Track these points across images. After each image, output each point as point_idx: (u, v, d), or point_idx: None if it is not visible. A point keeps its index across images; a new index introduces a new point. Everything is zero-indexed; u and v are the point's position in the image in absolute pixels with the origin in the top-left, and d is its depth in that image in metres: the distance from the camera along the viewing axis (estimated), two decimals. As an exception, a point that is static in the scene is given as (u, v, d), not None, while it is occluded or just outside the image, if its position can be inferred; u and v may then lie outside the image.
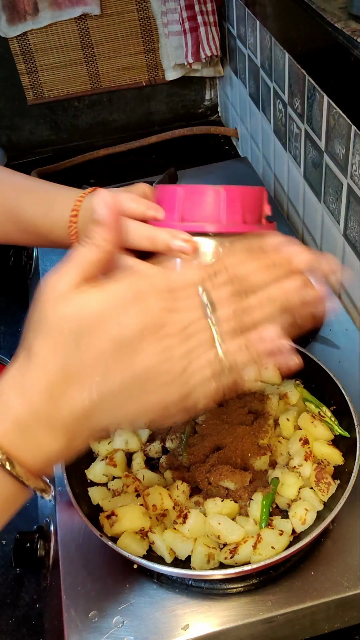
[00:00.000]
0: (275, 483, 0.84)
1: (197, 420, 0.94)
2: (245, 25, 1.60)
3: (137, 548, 0.80)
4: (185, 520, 0.81)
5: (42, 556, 0.90)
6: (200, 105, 2.15)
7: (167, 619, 0.79)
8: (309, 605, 0.78)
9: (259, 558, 0.76)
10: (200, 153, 2.00)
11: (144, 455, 0.94)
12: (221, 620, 0.78)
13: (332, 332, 1.13)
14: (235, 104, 1.90)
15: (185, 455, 0.89)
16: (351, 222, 1.13)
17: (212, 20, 1.78)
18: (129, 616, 0.79)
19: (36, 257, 1.46)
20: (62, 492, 0.93)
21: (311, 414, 0.90)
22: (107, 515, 0.82)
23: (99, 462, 0.91)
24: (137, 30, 1.92)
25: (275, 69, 1.41)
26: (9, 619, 0.93)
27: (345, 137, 1.07)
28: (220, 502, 0.83)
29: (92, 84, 2.00)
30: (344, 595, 0.79)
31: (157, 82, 2.04)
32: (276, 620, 0.78)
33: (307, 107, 1.24)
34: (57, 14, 1.83)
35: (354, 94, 0.93)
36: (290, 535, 0.80)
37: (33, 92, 1.98)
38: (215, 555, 0.80)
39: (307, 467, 0.85)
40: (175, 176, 1.60)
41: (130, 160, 2.01)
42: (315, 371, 0.95)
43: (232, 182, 1.59)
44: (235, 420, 0.91)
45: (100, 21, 1.88)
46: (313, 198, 1.32)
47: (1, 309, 1.50)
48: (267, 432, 0.89)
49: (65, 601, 0.81)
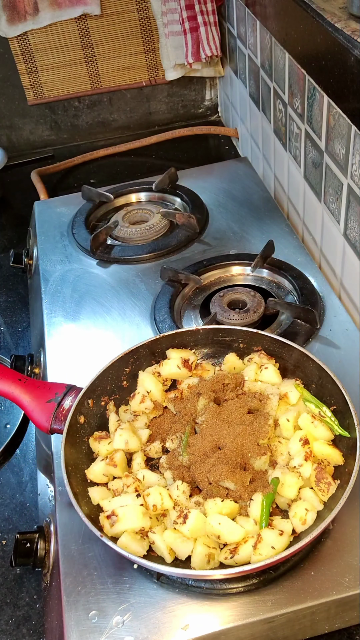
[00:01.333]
0: (275, 483, 0.84)
1: (197, 420, 0.94)
2: (245, 25, 1.60)
3: (137, 548, 0.80)
4: (185, 520, 0.81)
5: (42, 556, 0.90)
6: (200, 105, 2.15)
7: (167, 619, 0.79)
8: (309, 605, 0.78)
9: (259, 558, 0.76)
10: (200, 153, 2.00)
11: (144, 455, 0.94)
12: (221, 620, 0.78)
13: (332, 332, 1.13)
14: (235, 104, 1.90)
15: (185, 455, 0.89)
16: (351, 222, 1.13)
17: (212, 20, 1.78)
18: (129, 616, 0.79)
19: (36, 257, 1.46)
20: (62, 492, 0.93)
21: (311, 414, 0.90)
22: (107, 515, 0.82)
23: (99, 462, 0.91)
24: (137, 30, 1.92)
25: (275, 69, 1.41)
26: (9, 619, 0.93)
27: (345, 137, 1.07)
28: (220, 502, 0.83)
29: (92, 84, 2.01)
30: (344, 595, 0.79)
31: (157, 82, 2.04)
32: (276, 620, 0.78)
33: (307, 107, 1.24)
34: (57, 14, 1.83)
35: (354, 94, 0.93)
36: (290, 535, 0.80)
37: (33, 92, 1.99)
38: (215, 555, 0.80)
39: (307, 467, 0.85)
40: (175, 176, 1.60)
41: (130, 160, 2.01)
42: (315, 371, 0.95)
43: (232, 182, 1.59)
44: (235, 420, 0.91)
45: (100, 21, 1.88)
46: (313, 198, 1.32)
47: (1, 309, 1.51)
48: (267, 432, 0.90)
49: (65, 601, 0.81)
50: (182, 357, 1.01)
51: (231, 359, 1.02)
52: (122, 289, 1.31)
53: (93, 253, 1.40)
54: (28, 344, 1.39)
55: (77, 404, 0.93)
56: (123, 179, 1.77)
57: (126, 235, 1.44)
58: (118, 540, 0.81)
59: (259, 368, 0.99)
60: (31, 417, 0.96)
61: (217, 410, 0.93)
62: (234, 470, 0.86)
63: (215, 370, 1.03)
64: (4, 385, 0.96)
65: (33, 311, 1.42)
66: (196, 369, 1.02)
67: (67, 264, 1.40)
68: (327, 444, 0.87)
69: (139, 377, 1.01)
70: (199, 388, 0.97)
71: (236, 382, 0.98)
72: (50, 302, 1.30)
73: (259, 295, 1.20)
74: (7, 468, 1.14)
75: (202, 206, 1.50)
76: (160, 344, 1.04)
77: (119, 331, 1.21)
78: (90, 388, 0.96)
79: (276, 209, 1.46)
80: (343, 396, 0.88)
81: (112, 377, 1.00)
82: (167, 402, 1.00)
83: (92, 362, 1.08)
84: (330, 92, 1.04)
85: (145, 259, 1.38)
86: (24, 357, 1.24)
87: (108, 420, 0.97)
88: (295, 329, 1.13)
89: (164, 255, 1.38)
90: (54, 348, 1.19)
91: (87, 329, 1.23)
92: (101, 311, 1.26)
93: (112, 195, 1.58)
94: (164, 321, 1.18)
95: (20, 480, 1.11)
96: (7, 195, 1.92)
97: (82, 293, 1.31)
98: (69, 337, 1.21)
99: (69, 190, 1.74)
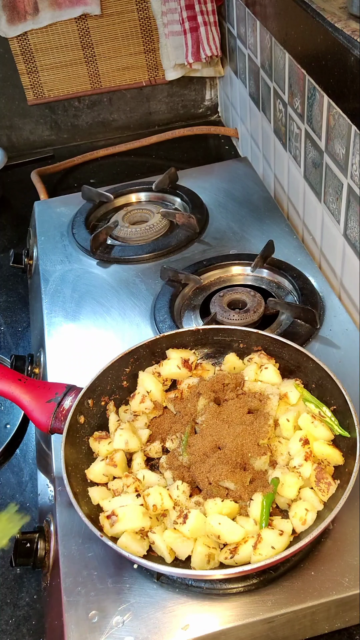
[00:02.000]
0: (275, 483, 0.84)
1: (197, 420, 0.94)
2: (245, 25, 1.60)
3: (137, 548, 0.80)
4: (185, 520, 0.81)
5: (42, 556, 0.90)
6: (200, 105, 2.15)
7: (167, 619, 0.79)
8: (309, 605, 0.78)
9: (259, 558, 0.76)
10: (200, 153, 2.00)
11: (144, 455, 0.94)
12: (221, 620, 0.78)
13: (332, 332, 1.13)
14: (235, 104, 1.90)
15: (185, 455, 0.89)
16: (351, 222, 1.13)
17: (212, 20, 1.78)
18: (129, 616, 0.79)
19: (36, 257, 1.46)
20: (62, 492, 0.93)
21: (311, 414, 0.90)
22: (107, 515, 0.82)
23: (99, 462, 0.91)
24: (137, 30, 1.92)
25: (275, 69, 1.41)
26: (9, 619, 0.93)
27: (345, 137, 1.07)
28: (220, 502, 0.83)
29: (92, 84, 2.01)
30: (344, 595, 0.79)
31: (157, 82, 2.04)
32: (276, 620, 0.78)
33: (307, 107, 1.24)
34: (57, 14, 1.83)
35: (354, 94, 0.93)
36: (290, 535, 0.80)
37: (33, 92, 1.99)
38: (216, 555, 0.80)
39: (307, 467, 0.85)
40: (175, 176, 1.60)
41: (130, 160, 2.01)
42: (315, 371, 0.95)
43: (232, 182, 1.59)
44: (235, 420, 0.91)
45: (100, 21, 1.88)
46: (313, 198, 1.32)
47: (1, 309, 1.51)
48: (267, 432, 0.89)
49: (65, 601, 0.81)
50: (182, 357, 1.01)
51: (231, 359, 1.02)
52: (122, 289, 1.31)
53: (93, 253, 1.40)
54: (28, 344, 1.39)
55: (77, 404, 0.93)
56: (123, 179, 1.77)
57: (126, 235, 1.44)
58: (118, 540, 0.81)
59: (259, 368, 0.99)
60: (31, 417, 0.96)
61: (217, 410, 0.93)
62: (234, 470, 0.86)
63: (215, 370, 1.03)
64: (4, 385, 0.96)
65: (33, 311, 1.42)
66: (196, 369, 1.02)
67: (67, 264, 1.40)
68: (327, 444, 0.87)
69: (139, 377, 1.01)
70: (199, 388, 0.97)
71: (236, 382, 0.98)
72: (50, 302, 1.30)
73: (259, 295, 1.20)
74: (7, 468, 1.14)
75: (202, 206, 1.50)
76: (160, 344, 1.04)
77: (119, 331, 1.21)
78: (90, 388, 0.96)
79: (276, 209, 1.46)
80: (343, 396, 0.88)
81: (112, 377, 1.00)
82: (167, 402, 1.00)
83: (92, 362, 1.08)
84: (330, 92, 1.04)
85: (145, 259, 1.38)
86: (24, 357, 1.24)
87: (108, 420, 0.97)
88: (295, 329, 1.13)
89: (164, 255, 1.38)
90: (54, 348, 1.19)
91: (87, 329, 1.23)
92: (101, 311, 1.26)
93: (112, 195, 1.58)
94: (164, 321, 1.18)
95: (20, 480, 1.11)
96: (7, 195, 1.92)
97: (82, 293, 1.31)
98: (69, 337, 1.21)
99: (69, 190, 1.74)
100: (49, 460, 1.02)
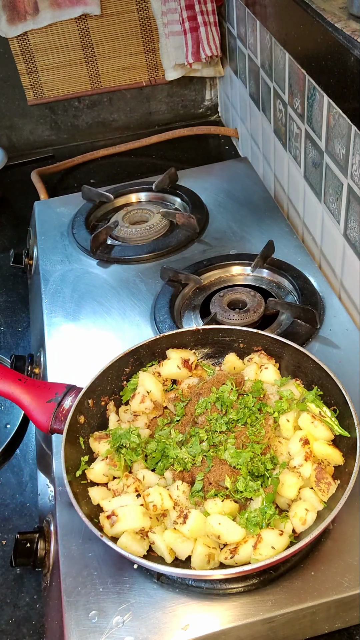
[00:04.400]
0: (275, 483, 0.84)
1: (197, 420, 0.94)
2: (245, 25, 1.60)
3: (137, 548, 0.80)
4: (185, 520, 0.81)
5: (42, 556, 0.90)
6: (200, 105, 2.15)
7: (167, 619, 0.79)
8: (309, 605, 0.78)
9: (259, 558, 0.76)
10: (200, 153, 2.00)
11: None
12: (221, 620, 0.78)
13: (332, 332, 1.13)
14: (235, 104, 1.90)
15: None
16: (351, 222, 1.13)
17: (212, 20, 1.78)
18: (129, 616, 0.79)
19: (36, 257, 1.46)
20: (62, 492, 0.93)
21: (311, 414, 0.90)
22: (107, 515, 0.82)
23: (99, 462, 0.91)
24: (137, 30, 1.92)
25: (275, 69, 1.41)
26: (9, 619, 0.93)
27: (345, 137, 1.07)
28: (220, 502, 0.83)
29: (92, 84, 2.01)
30: (344, 595, 0.79)
31: (157, 82, 2.04)
32: (276, 620, 0.78)
33: (307, 107, 1.24)
34: (57, 14, 1.83)
35: (354, 94, 0.93)
36: (290, 535, 0.80)
37: (33, 92, 1.99)
38: (216, 555, 0.80)
39: (307, 467, 0.85)
40: (175, 176, 1.60)
41: (130, 160, 2.01)
42: (315, 371, 0.95)
43: (232, 182, 1.60)
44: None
45: (100, 21, 1.88)
46: (313, 198, 1.32)
47: (1, 309, 1.51)
48: (267, 432, 0.89)
49: (65, 601, 0.81)
50: (182, 357, 1.01)
51: (231, 359, 1.02)
52: (122, 289, 1.31)
53: (93, 253, 1.40)
54: (28, 344, 1.39)
55: (77, 404, 0.93)
56: (123, 179, 1.77)
57: (126, 235, 1.44)
58: (118, 540, 0.81)
59: (259, 368, 0.99)
60: (31, 417, 0.96)
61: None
62: (234, 470, 0.85)
63: (215, 370, 1.03)
64: (4, 385, 0.96)
65: (33, 311, 1.42)
66: (196, 369, 1.02)
67: (67, 264, 1.40)
68: (327, 444, 0.87)
69: (139, 377, 1.01)
70: (199, 388, 0.97)
71: (236, 382, 0.98)
72: (50, 302, 1.30)
73: (259, 295, 1.20)
74: (7, 468, 1.14)
75: (202, 206, 1.50)
76: (160, 344, 1.03)
77: (119, 331, 1.21)
78: (90, 388, 0.96)
79: (276, 209, 1.46)
80: (343, 396, 0.88)
81: (112, 377, 1.00)
82: (167, 402, 1.00)
83: (92, 362, 1.08)
84: (330, 92, 1.04)
85: (145, 259, 1.38)
86: (24, 357, 1.24)
87: (108, 420, 0.97)
88: (295, 329, 1.13)
89: (164, 255, 1.38)
90: (54, 348, 1.19)
91: (87, 329, 1.23)
92: (101, 311, 1.26)
93: (112, 195, 1.58)
94: (164, 321, 1.18)
95: (20, 480, 1.11)
96: (7, 195, 1.92)
97: (82, 293, 1.31)
98: (69, 337, 1.21)
99: (69, 190, 1.74)
100: (49, 460, 1.02)
